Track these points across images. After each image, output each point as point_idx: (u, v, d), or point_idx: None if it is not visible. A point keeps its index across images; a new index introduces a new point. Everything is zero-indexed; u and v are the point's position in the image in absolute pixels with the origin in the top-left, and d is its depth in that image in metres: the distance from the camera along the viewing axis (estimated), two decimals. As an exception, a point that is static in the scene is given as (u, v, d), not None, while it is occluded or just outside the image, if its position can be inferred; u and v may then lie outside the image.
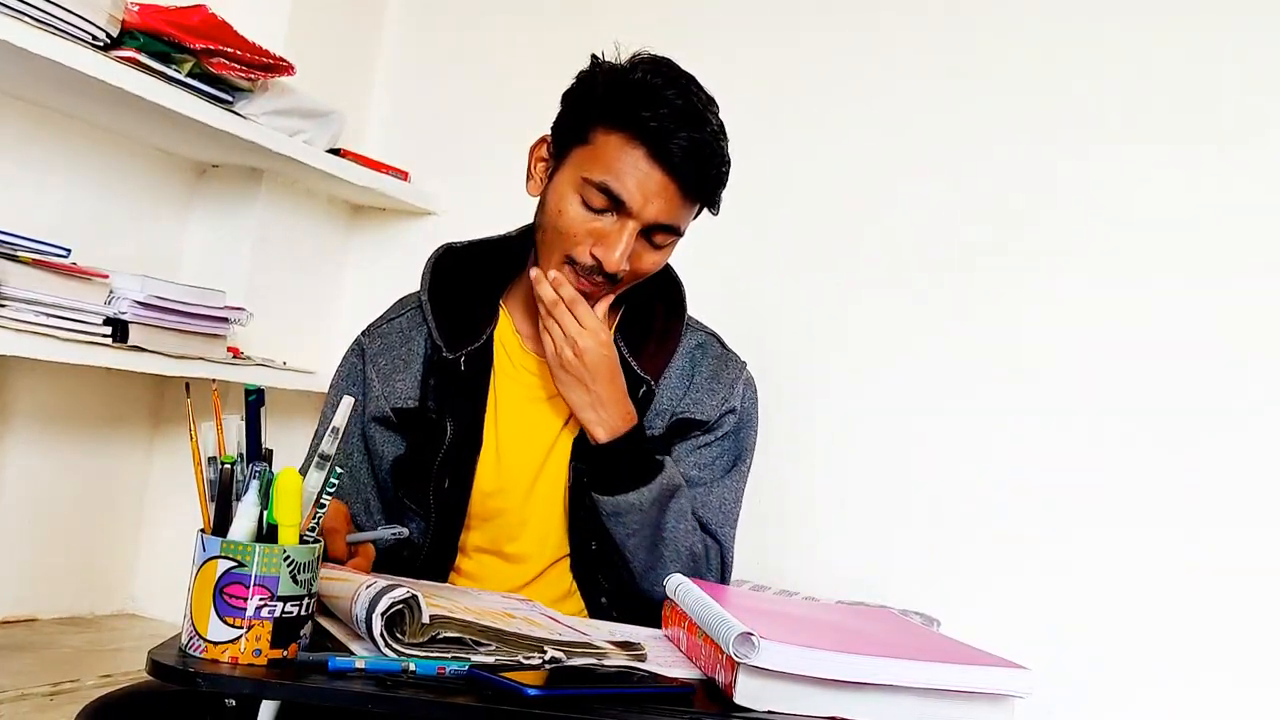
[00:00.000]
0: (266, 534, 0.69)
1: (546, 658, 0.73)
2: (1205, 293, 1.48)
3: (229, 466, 0.70)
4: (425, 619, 0.70)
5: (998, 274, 1.59)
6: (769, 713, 0.69)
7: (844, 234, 1.68)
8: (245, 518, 0.69)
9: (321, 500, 0.74)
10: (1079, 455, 1.52)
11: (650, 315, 1.03)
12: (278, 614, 0.67)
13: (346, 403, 0.76)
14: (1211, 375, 1.47)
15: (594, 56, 0.97)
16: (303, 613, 0.69)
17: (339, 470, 0.75)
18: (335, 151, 1.78)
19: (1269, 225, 1.46)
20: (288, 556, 0.67)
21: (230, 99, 1.56)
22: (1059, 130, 1.57)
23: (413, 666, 0.67)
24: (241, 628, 0.66)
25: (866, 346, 1.64)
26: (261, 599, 0.66)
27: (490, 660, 0.71)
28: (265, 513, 0.69)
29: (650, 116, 0.89)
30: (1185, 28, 1.52)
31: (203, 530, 0.69)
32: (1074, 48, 1.58)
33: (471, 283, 1.03)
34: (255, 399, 0.73)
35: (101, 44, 1.36)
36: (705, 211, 0.98)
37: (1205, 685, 1.43)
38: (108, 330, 1.40)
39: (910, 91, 1.66)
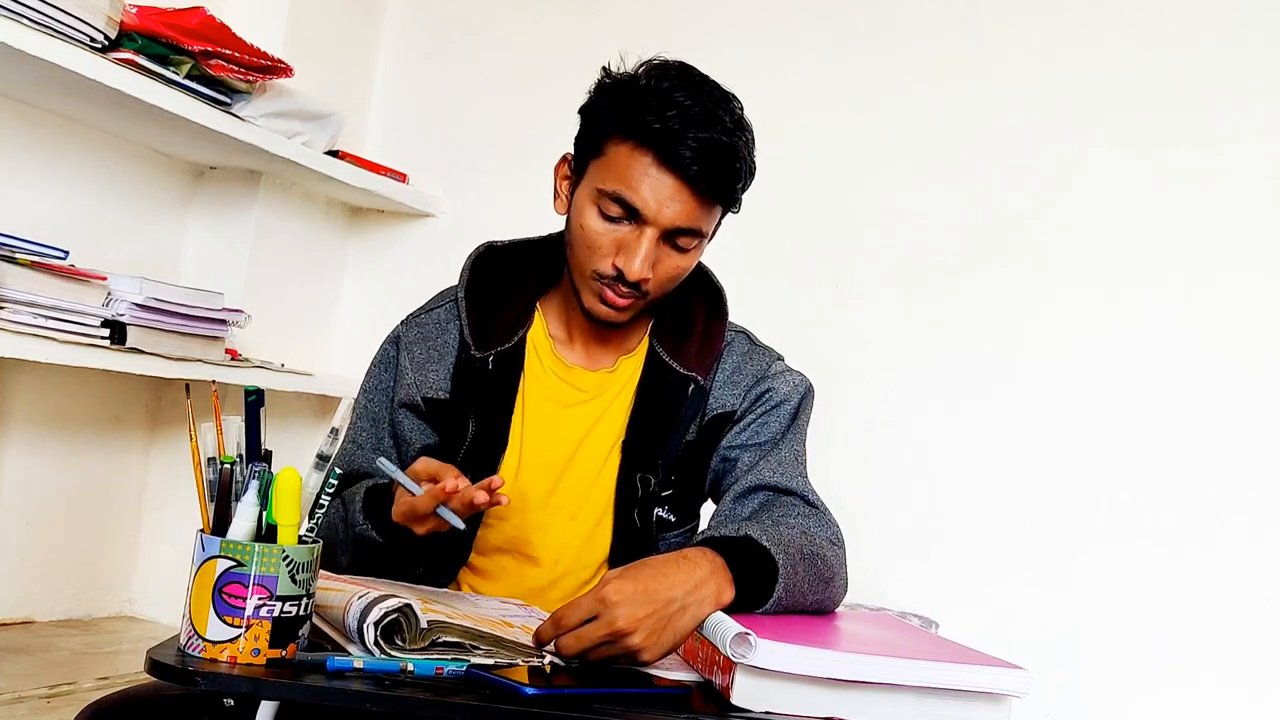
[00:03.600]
0: (265, 534, 0.69)
1: (545, 661, 0.73)
2: (1207, 301, 1.48)
3: (228, 467, 0.70)
4: (424, 624, 0.70)
5: (1001, 279, 1.59)
6: (766, 713, 0.69)
7: (842, 238, 1.68)
8: (244, 518, 0.69)
9: (321, 501, 0.74)
10: (1078, 460, 1.52)
11: (690, 317, 1.02)
12: (276, 614, 0.67)
13: (345, 404, 0.76)
14: (1212, 382, 1.46)
15: (604, 68, 0.95)
16: (301, 612, 0.69)
17: (338, 471, 0.75)
18: (334, 153, 1.77)
19: (1273, 232, 1.46)
20: (286, 556, 0.67)
21: (228, 101, 1.56)
22: (1065, 136, 1.57)
23: (411, 666, 0.67)
24: (240, 627, 0.66)
25: (867, 350, 1.64)
26: (260, 599, 0.66)
27: (488, 661, 0.71)
28: (264, 513, 0.69)
29: (655, 120, 0.88)
30: (1188, 33, 1.52)
31: (202, 530, 0.69)
32: (1076, 53, 1.57)
33: (509, 282, 1.02)
34: (255, 400, 0.73)
35: (99, 46, 1.36)
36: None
37: (1201, 687, 1.43)
38: (106, 332, 1.39)
39: (912, 97, 1.66)
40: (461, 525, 0.83)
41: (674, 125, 0.88)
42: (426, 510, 0.84)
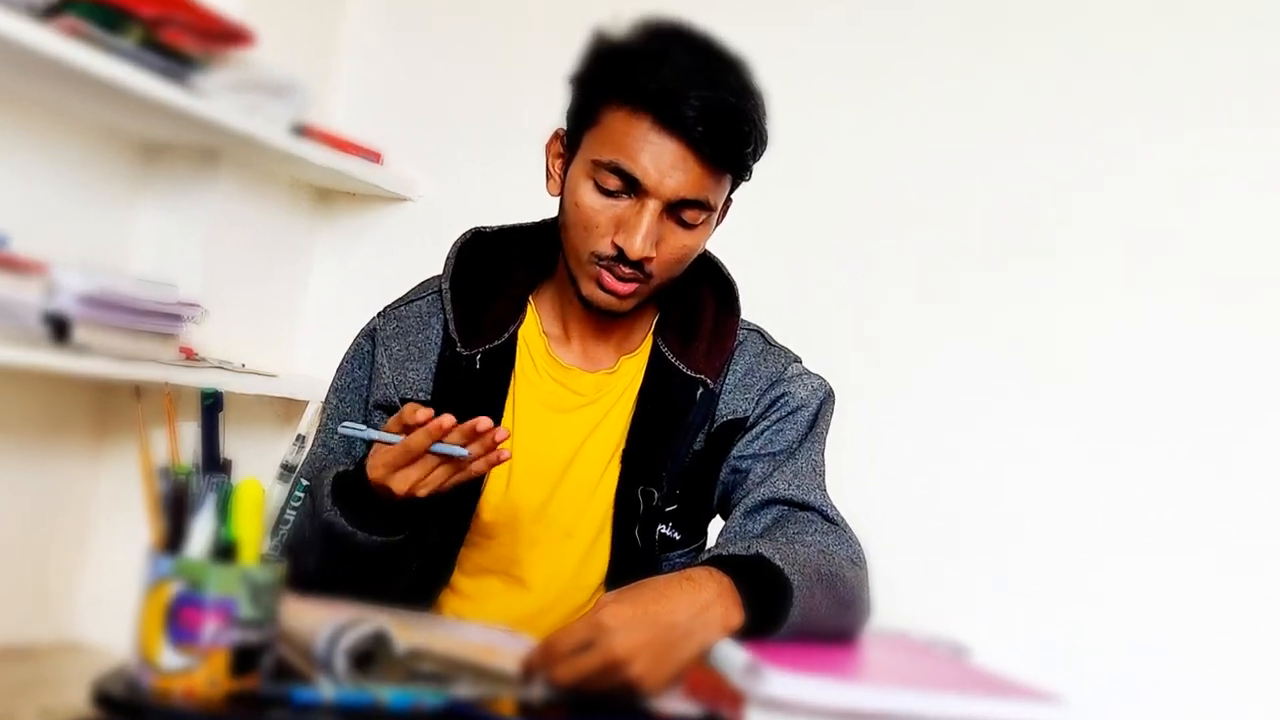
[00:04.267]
0: (224, 552, 0.65)
1: (534, 694, 0.68)
2: (1232, 310, 1.46)
3: (183, 478, 0.66)
4: (400, 652, 0.65)
5: (1014, 287, 1.56)
6: (782, 748, 0.64)
7: (857, 238, 1.65)
8: (201, 534, 0.65)
9: (286, 516, 0.68)
10: (1091, 466, 1.49)
11: (698, 314, 0.96)
12: (236, 641, 0.62)
13: (312, 409, 0.70)
14: (1234, 391, 1.45)
15: (596, 29, 0.89)
16: (264, 639, 0.64)
17: (304, 482, 0.68)
18: (300, 130, 1.70)
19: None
20: (248, 577, 0.63)
21: (183, 72, 1.48)
22: (1077, 137, 1.54)
23: (386, 699, 0.63)
24: (196, 656, 0.62)
25: (882, 357, 1.59)
26: (218, 624, 0.62)
27: (472, 693, 0.66)
28: (223, 529, 0.65)
29: (652, 80, 0.82)
30: (1223, 26, 1.48)
31: (153, 548, 0.65)
32: (1104, 45, 1.54)
33: (499, 273, 0.96)
34: (212, 403, 0.70)
35: (39, 11, 1.28)
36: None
37: (1201, 687, 1.42)
38: (47, 329, 1.31)
39: (930, 89, 1.62)
40: (465, 452, 0.76)
41: (674, 84, 0.81)
42: (420, 449, 0.76)
